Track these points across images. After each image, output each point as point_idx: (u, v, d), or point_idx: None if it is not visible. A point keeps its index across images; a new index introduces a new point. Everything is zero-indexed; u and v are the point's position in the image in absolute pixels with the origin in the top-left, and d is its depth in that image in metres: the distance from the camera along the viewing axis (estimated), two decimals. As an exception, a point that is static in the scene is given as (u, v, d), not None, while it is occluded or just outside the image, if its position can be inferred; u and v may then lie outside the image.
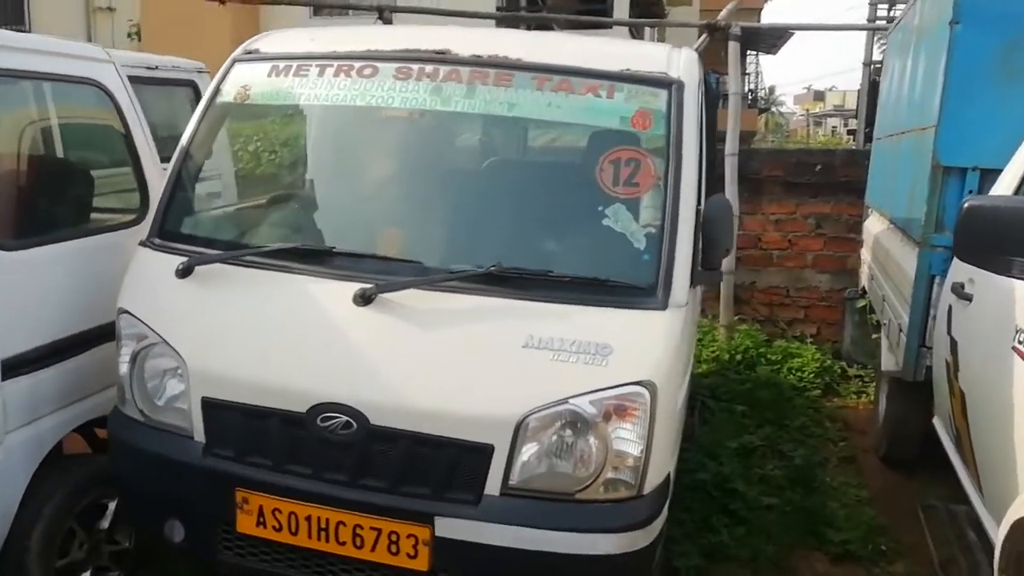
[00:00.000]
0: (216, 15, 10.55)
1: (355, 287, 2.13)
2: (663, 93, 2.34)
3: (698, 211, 2.23)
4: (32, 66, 2.60)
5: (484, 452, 2.01)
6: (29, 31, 13.15)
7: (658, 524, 2.09)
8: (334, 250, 2.31)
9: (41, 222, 2.67)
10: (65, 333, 2.55)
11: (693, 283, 2.20)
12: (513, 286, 2.13)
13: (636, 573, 2.13)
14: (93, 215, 2.88)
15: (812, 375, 5.71)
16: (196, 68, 5.26)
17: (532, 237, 2.35)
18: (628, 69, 2.39)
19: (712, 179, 3.41)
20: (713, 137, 3.46)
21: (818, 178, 6.56)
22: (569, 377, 2.01)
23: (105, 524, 2.72)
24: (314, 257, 2.30)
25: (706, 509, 3.64)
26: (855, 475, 4.23)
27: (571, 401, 2.00)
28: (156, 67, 5.08)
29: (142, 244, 2.48)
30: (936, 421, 3.16)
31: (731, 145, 6.27)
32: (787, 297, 6.77)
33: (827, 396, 5.55)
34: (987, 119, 3.01)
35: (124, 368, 2.35)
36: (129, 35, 12.13)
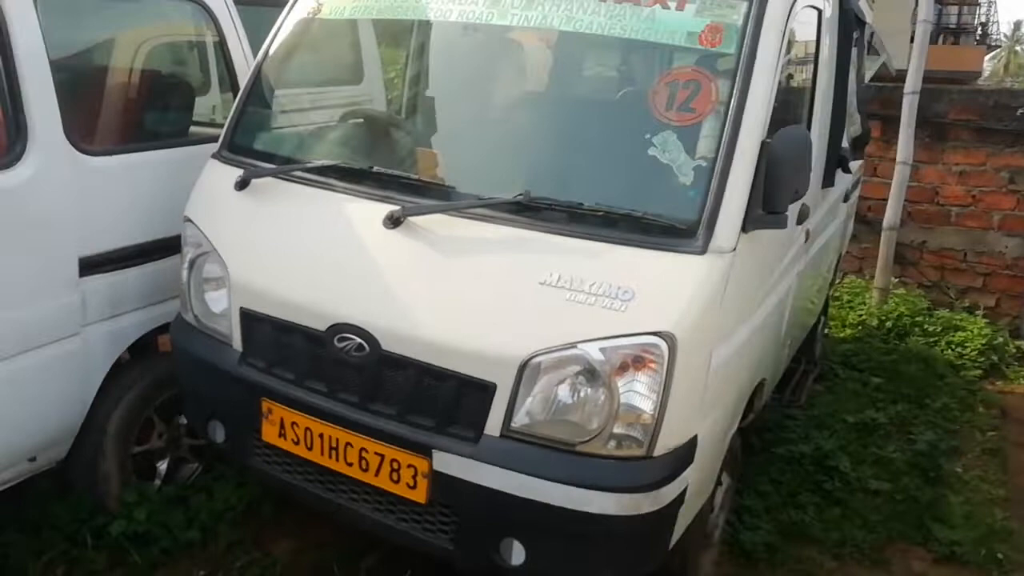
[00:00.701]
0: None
1: (388, 208, 2.07)
2: (742, 5, 2.01)
3: (764, 144, 1.92)
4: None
5: (486, 390, 1.90)
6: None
7: (671, 491, 1.89)
8: (372, 169, 2.24)
9: (134, 130, 2.83)
10: (150, 237, 2.70)
11: (747, 227, 1.92)
12: (542, 217, 1.97)
13: (644, 542, 1.96)
14: (192, 127, 3.01)
15: (975, 352, 5.00)
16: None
17: (571, 166, 2.15)
18: (707, -23, 2.08)
19: (840, 116, 2.97)
20: (848, 66, 3.02)
21: (1019, 124, 5.61)
22: (582, 320, 1.83)
23: (184, 419, 2.93)
24: (355, 176, 2.26)
25: (796, 485, 3.32)
26: (996, 470, 3.68)
27: (580, 346, 1.83)
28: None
29: (213, 156, 2.56)
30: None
31: (912, 82, 5.51)
32: (963, 262, 5.94)
33: (990, 378, 4.86)
34: None
35: (184, 274, 2.46)
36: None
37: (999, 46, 28.04)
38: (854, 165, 4.07)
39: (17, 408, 2.36)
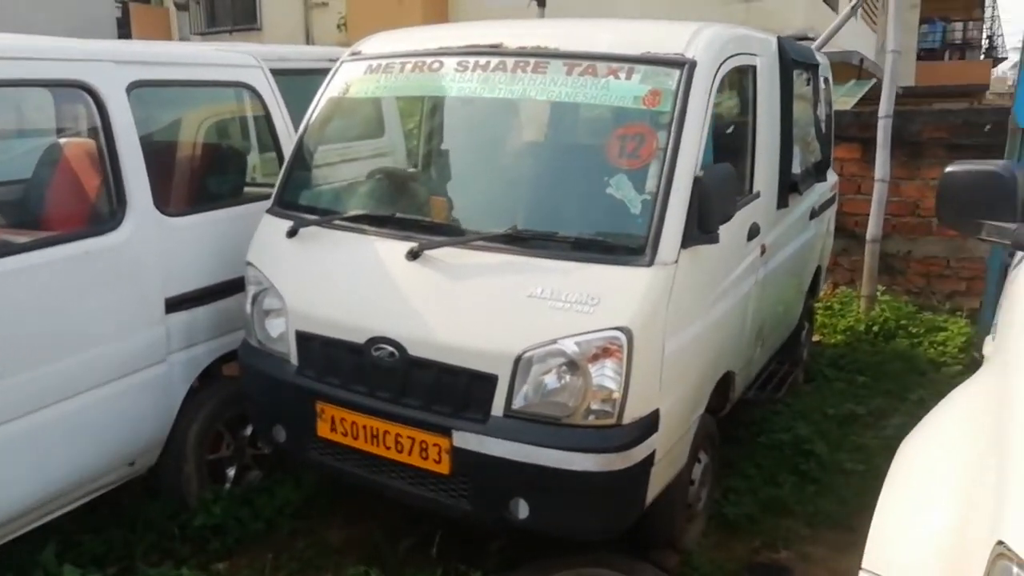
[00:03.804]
0: (408, 8, 11.67)
1: (409, 245, 2.65)
2: (675, 73, 2.58)
3: (696, 180, 2.47)
4: (197, 76, 3.40)
5: (490, 380, 2.45)
6: (260, 28, 15.13)
7: (639, 452, 2.40)
8: (396, 215, 2.83)
9: (202, 195, 3.47)
10: (217, 280, 3.30)
11: (686, 244, 2.46)
12: (527, 245, 2.53)
13: (622, 495, 2.47)
14: (245, 189, 3.65)
15: (956, 350, 5.42)
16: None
17: (548, 204, 2.73)
18: (648, 52, 2.66)
19: (788, 148, 3.51)
20: (791, 105, 3.55)
21: (988, 139, 6.08)
22: (561, 322, 2.38)
23: (247, 432, 3.49)
24: (382, 221, 2.84)
25: (777, 467, 3.78)
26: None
27: (559, 342, 2.37)
28: (337, 59, 5.93)
29: (267, 211, 3.16)
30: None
31: (884, 106, 5.99)
32: (947, 268, 6.40)
33: (970, 372, 5.24)
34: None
35: (248, 307, 3.05)
36: (338, 26, 13.61)
37: (1005, 58, 28.34)
38: (822, 186, 4.58)
39: (121, 420, 2.95)
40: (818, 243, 4.73)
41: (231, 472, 3.48)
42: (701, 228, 2.47)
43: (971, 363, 5.33)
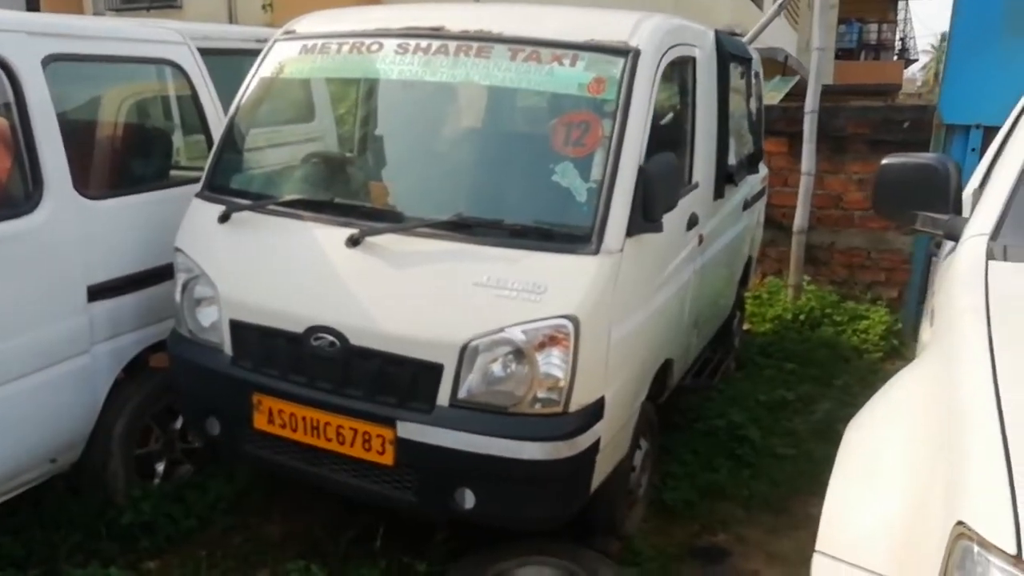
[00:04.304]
0: (337, -13, 11.34)
1: (348, 231, 2.57)
2: (620, 61, 2.58)
3: (640, 169, 2.48)
4: (119, 51, 3.21)
5: (436, 370, 2.40)
6: (180, 7, 14.53)
7: (586, 440, 2.40)
8: (334, 201, 2.75)
9: (125, 177, 3.29)
10: (142, 267, 3.14)
11: (631, 232, 2.46)
12: (472, 232, 2.49)
13: (568, 482, 2.47)
14: (171, 171, 3.48)
15: (877, 337, 5.65)
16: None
17: (493, 191, 2.69)
18: (592, 39, 2.65)
19: (724, 140, 3.56)
20: (727, 97, 3.60)
21: (907, 135, 6.33)
22: (507, 311, 2.35)
23: (177, 425, 3.35)
24: (319, 206, 2.75)
25: (713, 453, 3.86)
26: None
27: (506, 330, 2.34)
28: (266, 39, 5.72)
29: (196, 196, 3.02)
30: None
31: (810, 102, 6.15)
32: (868, 259, 6.64)
33: (891, 359, 5.50)
34: (990, 76, 3.01)
35: (178, 296, 2.91)
36: (263, 7, 13.16)
37: (916, 60, 29.71)
38: (754, 179, 4.69)
39: (41, 415, 2.78)
40: (749, 234, 4.84)
41: (160, 467, 3.33)
42: (645, 217, 2.48)
43: (891, 350, 5.58)
